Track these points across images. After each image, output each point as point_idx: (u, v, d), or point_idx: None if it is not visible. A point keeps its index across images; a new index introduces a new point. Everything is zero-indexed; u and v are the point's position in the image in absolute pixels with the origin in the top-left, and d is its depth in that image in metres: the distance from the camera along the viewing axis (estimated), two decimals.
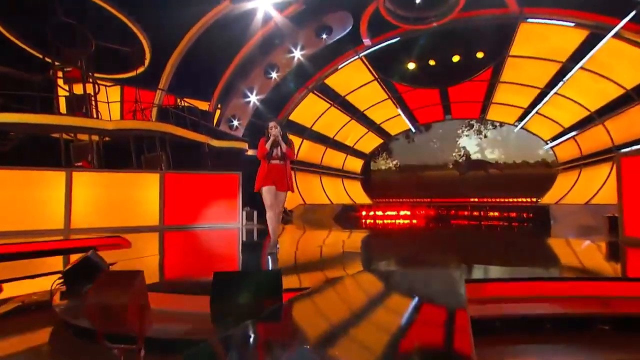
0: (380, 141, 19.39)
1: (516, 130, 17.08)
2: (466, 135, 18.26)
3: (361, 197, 19.05)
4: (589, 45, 12.01)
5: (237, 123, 15.16)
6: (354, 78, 15.61)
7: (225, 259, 5.64)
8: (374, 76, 15.62)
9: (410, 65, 14.97)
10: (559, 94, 14.08)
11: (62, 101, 10.54)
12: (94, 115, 10.45)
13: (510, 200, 16.33)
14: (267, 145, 4.81)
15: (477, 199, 16.82)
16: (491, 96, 15.81)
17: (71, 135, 10.70)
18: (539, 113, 15.49)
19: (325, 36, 13.66)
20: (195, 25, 12.31)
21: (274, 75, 14.66)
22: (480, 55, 13.98)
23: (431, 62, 14.72)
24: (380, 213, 16.09)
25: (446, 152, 18.61)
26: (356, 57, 14.82)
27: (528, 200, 16.09)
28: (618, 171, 6.36)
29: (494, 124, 17.68)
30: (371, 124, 18.21)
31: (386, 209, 16.34)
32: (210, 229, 9.69)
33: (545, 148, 16.68)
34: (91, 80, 10.75)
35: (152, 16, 10.91)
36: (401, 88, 16.20)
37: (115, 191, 9.56)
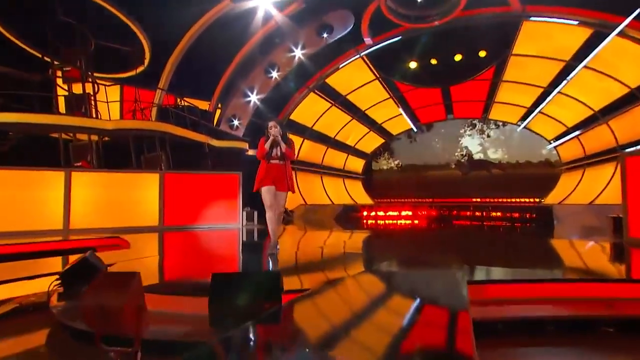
0: (381, 141, 19.33)
1: (519, 129, 16.99)
2: (468, 134, 18.20)
3: (362, 198, 19.00)
4: (593, 43, 11.92)
5: (238, 123, 15.13)
6: (355, 77, 15.57)
7: (225, 260, 5.62)
8: (376, 75, 15.57)
9: (412, 64, 14.89)
10: (563, 93, 14.00)
11: (62, 101, 10.52)
12: (94, 115, 10.41)
13: (513, 200, 16.24)
14: (267, 145, 4.77)
15: (480, 199, 16.73)
16: (494, 95, 15.73)
17: (70, 135, 10.70)
18: (542, 112, 15.40)
19: (326, 35, 13.61)
20: (195, 24, 12.29)
21: (275, 74, 14.62)
22: (482, 54, 13.90)
23: (433, 61, 14.65)
24: (381, 213, 16.05)
25: (448, 152, 18.55)
26: (357, 56, 14.78)
27: (531, 200, 15.98)
28: (622, 171, 6.34)
29: (497, 124, 17.60)
30: (372, 124, 18.16)
31: (388, 209, 16.30)
32: (210, 230, 9.66)
33: (548, 148, 16.58)
34: (90, 79, 10.72)
35: (152, 15, 10.89)
36: (403, 87, 16.13)
37: (114, 191, 9.54)
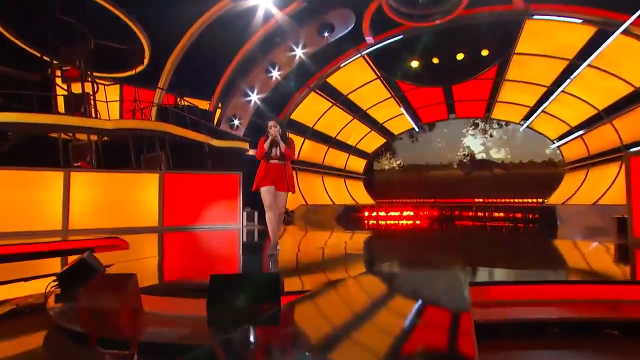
0: (383, 140, 19.29)
1: (522, 129, 16.92)
2: (471, 134, 18.14)
3: (364, 198, 18.97)
4: (597, 41, 11.82)
5: (238, 122, 15.10)
6: (357, 76, 15.52)
7: (224, 261, 5.60)
8: (377, 74, 15.52)
9: (413, 63, 14.83)
10: (566, 92, 13.91)
11: (61, 100, 10.51)
12: (93, 114, 10.39)
13: (515, 200, 16.16)
14: (266, 144, 4.73)
15: (482, 200, 16.66)
16: (496, 94, 15.66)
17: (70, 135, 10.68)
18: (546, 112, 15.32)
19: (327, 34, 13.55)
20: (195, 23, 12.27)
21: (275, 73, 14.58)
22: (485, 53, 13.83)
23: (435, 60, 14.59)
24: (383, 214, 16.00)
25: (450, 152, 18.49)
26: (358, 55, 14.73)
27: (534, 200, 15.91)
28: (627, 171, 6.30)
29: (499, 123, 17.53)
30: (374, 123, 18.11)
31: (389, 210, 16.25)
32: (210, 230, 9.64)
33: (551, 147, 16.50)
34: (90, 79, 10.71)
35: (152, 14, 10.88)
36: (404, 86, 16.08)
37: (114, 191, 9.51)
